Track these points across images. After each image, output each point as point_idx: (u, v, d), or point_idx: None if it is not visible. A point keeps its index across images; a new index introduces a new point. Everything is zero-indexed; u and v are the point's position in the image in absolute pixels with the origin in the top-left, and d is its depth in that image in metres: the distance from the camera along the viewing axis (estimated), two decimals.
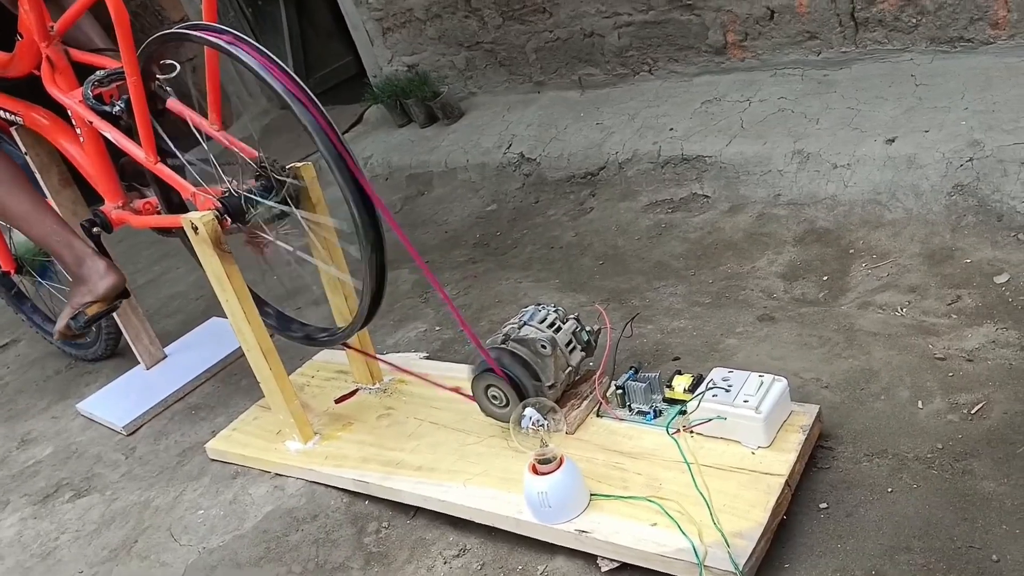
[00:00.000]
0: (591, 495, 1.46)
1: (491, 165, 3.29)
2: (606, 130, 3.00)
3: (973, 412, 1.51)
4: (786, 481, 1.38)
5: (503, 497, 1.53)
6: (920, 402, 1.57)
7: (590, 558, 1.42)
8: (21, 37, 1.92)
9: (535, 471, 1.43)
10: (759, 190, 2.46)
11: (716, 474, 1.43)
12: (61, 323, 2.06)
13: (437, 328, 2.37)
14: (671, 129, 2.78)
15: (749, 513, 1.34)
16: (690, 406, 1.51)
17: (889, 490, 1.40)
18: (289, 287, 2.78)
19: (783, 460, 1.42)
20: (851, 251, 2.12)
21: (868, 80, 2.56)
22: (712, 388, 1.49)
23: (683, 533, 1.32)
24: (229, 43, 1.55)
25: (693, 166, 2.63)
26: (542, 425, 1.40)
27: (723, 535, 1.29)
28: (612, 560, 1.38)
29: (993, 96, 2.23)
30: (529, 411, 1.41)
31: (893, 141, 2.24)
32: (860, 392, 1.63)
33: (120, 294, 2.04)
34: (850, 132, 2.36)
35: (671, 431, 1.53)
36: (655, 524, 1.37)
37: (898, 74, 2.51)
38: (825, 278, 2.06)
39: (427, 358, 2.20)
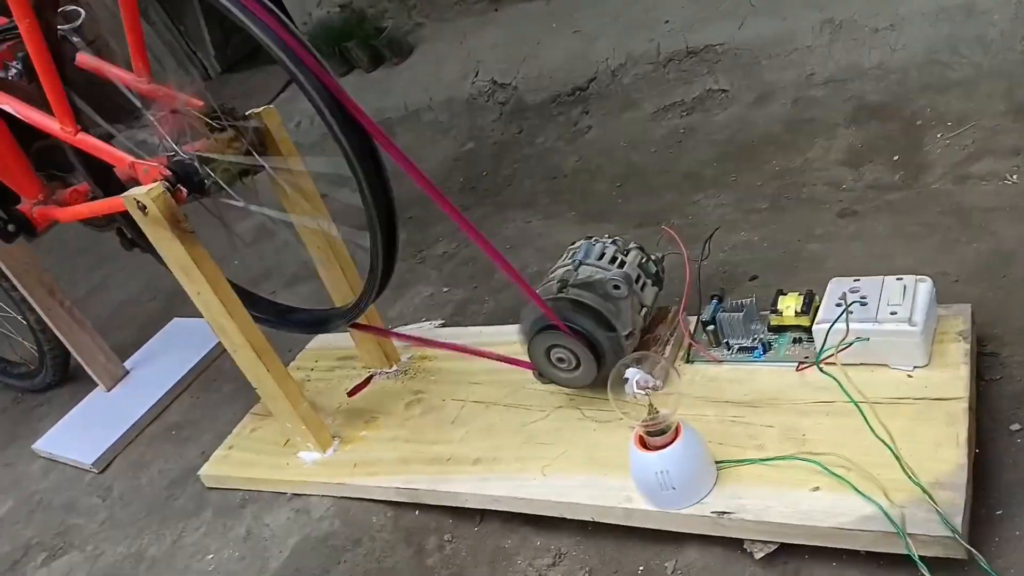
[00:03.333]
0: (717, 463, 1.14)
1: (459, 99, 2.90)
2: (587, 37, 2.63)
3: None
4: (968, 404, 1.08)
5: (599, 482, 1.21)
6: None
7: (731, 543, 1.11)
8: None
9: (645, 445, 1.11)
10: (787, 73, 2.12)
11: (874, 411, 1.12)
12: None
13: (445, 289, 2.02)
14: (666, 22, 2.42)
15: (938, 454, 1.03)
16: (817, 331, 1.19)
17: None
18: (258, 267, 2.42)
19: (956, 378, 1.11)
20: (918, 122, 1.81)
21: None
22: (847, 303, 1.17)
23: (862, 495, 1.01)
24: None
25: (702, 59, 2.28)
26: (655, 387, 1.06)
27: (923, 488, 0.98)
28: (767, 543, 1.07)
29: None
30: (631, 371, 1.07)
31: None
32: (1003, 280, 1.33)
33: None
34: None
35: (803, 366, 1.21)
36: (817, 488, 1.05)
37: None
38: (896, 157, 1.75)
39: (443, 325, 1.85)
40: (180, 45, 4.55)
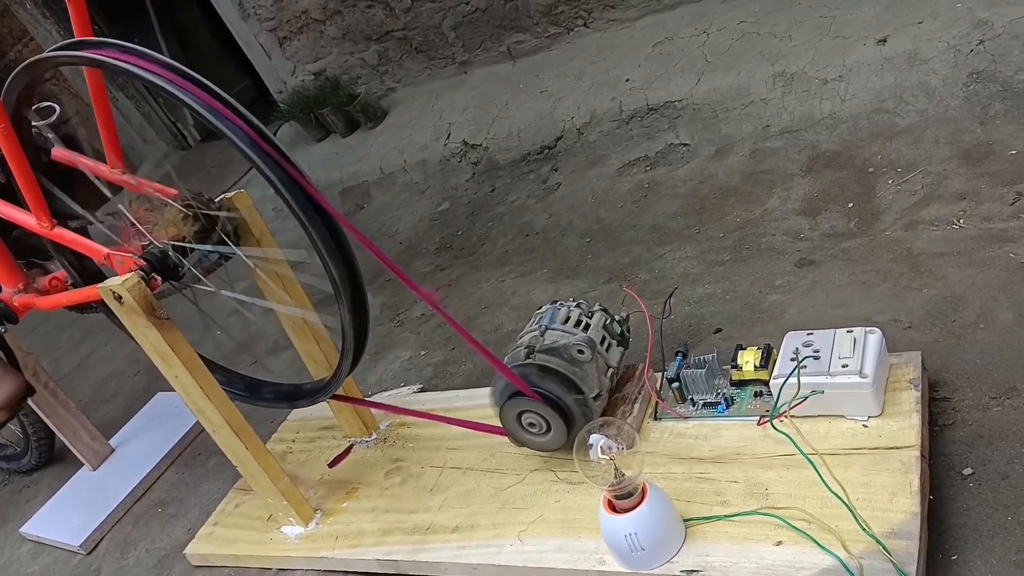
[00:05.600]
0: (685, 521, 1.17)
1: (432, 161, 2.97)
2: (553, 97, 2.71)
3: None
4: (920, 452, 1.12)
5: (573, 545, 1.24)
6: None
7: None
8: None
9: (613, 508, 1.14)
10: (744, 125, 2.20)
11: (831, 462, 1.15)
12: None
13: (423, 353, 2.05)
14: (627, 80, 2.50)
15: (892, 503, 1.07)
16: (774, 385, 1.23)
17: None
18: (239, 339, 2.45)
19: (908, 427, 1.15)
20: (870, 169, 1.87)
21: None
22: (800, 358, 1.22)
23: (821, 547, 1.05)
24: (128, 62, 1.20)
25: (662, 114, 2.36)
26: (619, 449, 1.10)
27: (876, 539, 1.02)
28: None
29: None
30: (594, 437, 1.11)
31: (885, 41, 2.00)
32: (952, 324, 1.38)
33: (23, 396, 1.67)
34: (832, 42, 2.11)
35: (763, 420, 1.25)
36: (780, 543, 1.09)
37: None
38: (851, 205, 1.81)
39: (422, 390, 1.89)
40: (158, 116, 4.63)
